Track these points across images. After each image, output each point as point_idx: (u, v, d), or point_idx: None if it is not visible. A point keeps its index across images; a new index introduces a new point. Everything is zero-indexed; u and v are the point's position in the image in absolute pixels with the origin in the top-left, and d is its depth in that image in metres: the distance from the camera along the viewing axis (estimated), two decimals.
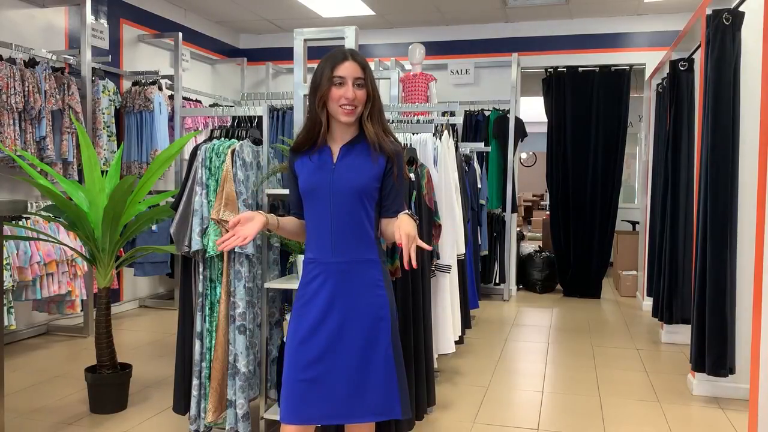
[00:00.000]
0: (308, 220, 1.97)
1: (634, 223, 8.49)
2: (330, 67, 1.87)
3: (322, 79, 1.88)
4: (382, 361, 1.89)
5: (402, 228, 1.71)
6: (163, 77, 5.86)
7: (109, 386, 3.31)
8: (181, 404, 2.92)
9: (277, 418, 2.35)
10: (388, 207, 1.96)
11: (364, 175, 1.90)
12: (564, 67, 6.73)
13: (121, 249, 4.44)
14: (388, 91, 4.17)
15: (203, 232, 2.74)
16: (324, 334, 1.89)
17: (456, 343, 3.67)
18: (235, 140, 2.85)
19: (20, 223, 4.07)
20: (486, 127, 6.65)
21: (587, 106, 6.67)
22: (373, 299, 1.92)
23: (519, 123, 6.60)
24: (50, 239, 3.56)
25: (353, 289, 1.91)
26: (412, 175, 2.91)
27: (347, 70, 1.87)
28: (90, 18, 4.90)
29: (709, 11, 3.46)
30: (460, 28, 7.06)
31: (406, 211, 1.84)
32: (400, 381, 1.93)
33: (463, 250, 3.90)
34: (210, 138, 2.92)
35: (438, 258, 3.38)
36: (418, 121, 3.82)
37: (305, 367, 1.88)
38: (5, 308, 3.89)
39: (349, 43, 2.66)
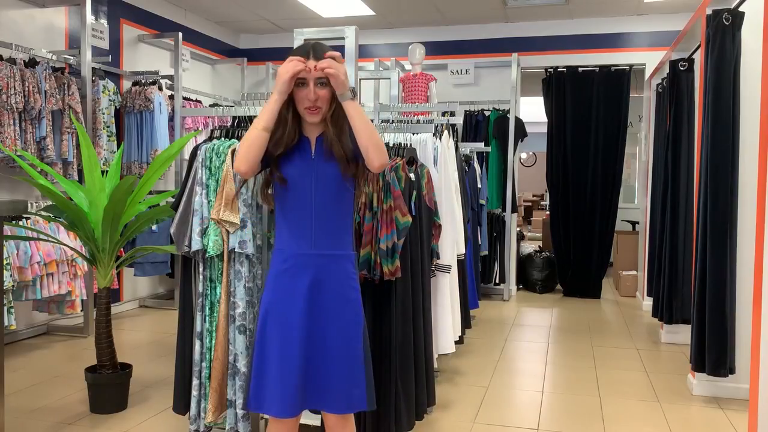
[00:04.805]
0: (287, 212, 1.94)
1: (634, 223, 8.50)
2: None
3: None
4: (353, 354, 1.93)
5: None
6: (163, 77, 5.86)
7: (109, 386, 3.31)
8: (181, 404, 2.92)
9: None
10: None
11: (342, 165, 1.90)
12: (564, 67, 6.73)
13: (121, 249, 4.44)
14: (388, 91, 4.18)
15: (203, 232, 2.74)
16: (299, 325, 1.91)
17: (456, 343, 3.67)
18: (236, 140, 2.85)
19: (20, 223, 4.06)
20: (486, 127, 6.65)
21: (587, 106, 6.67)
22: (348, 292, 1.95)
23: (519, 123, 6.60)
24: (50, 239, 3.56)
25: (330, 281, 1.93)
26: (412, 175, 2.91)
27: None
28: (90, 18, 4.90)
29: (709, 11, 3.46)
30: (460, 28, 7.06)
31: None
32: (367, 374, 1.96)
33: (463, 250, 3.90)
34: (210, 138, 2.92)
35: (438, 258, 3.38)
36: (418, 121, 3.82)
37: (280, 358, 1.90)
38: (5, 308, 3.89)
39: (349, 43, 2.66)
